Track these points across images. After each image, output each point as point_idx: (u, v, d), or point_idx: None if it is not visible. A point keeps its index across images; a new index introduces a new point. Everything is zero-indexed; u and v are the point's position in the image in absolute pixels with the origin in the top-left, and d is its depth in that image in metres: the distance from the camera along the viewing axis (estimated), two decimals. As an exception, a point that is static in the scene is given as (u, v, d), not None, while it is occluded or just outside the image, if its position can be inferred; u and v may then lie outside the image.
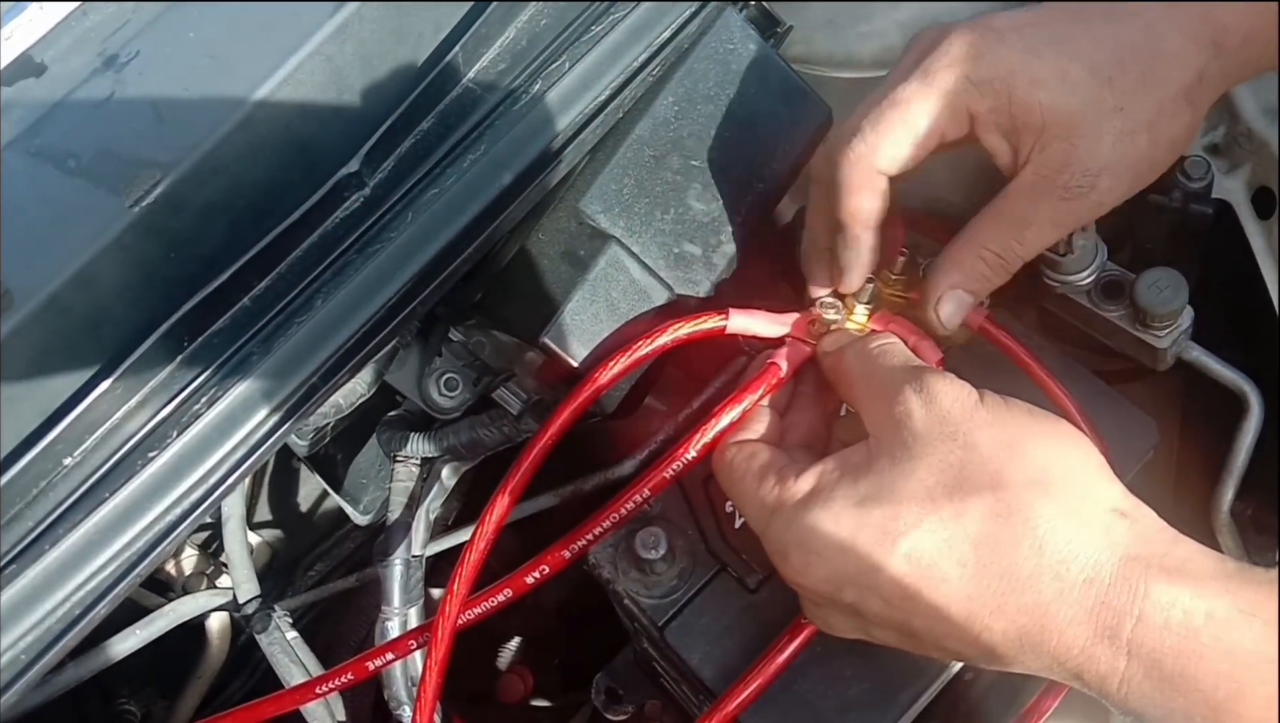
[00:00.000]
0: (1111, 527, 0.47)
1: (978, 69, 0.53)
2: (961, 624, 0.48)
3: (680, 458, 0.60)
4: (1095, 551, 0.46)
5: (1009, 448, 0.49)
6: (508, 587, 0.62)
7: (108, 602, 0.51)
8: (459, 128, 0.59)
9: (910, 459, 0.49)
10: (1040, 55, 0.53)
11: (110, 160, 0.53)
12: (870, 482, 0.50)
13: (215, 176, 0.54)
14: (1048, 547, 0.46)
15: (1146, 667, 0.44)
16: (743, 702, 0.59)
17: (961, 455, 0.49)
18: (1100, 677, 0.45)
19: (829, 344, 0.60)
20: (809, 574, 0.51)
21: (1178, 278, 0.66)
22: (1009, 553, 0.47)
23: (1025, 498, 0.47)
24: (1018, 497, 0.47)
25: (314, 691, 0.66)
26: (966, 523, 0.47)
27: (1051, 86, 0.53)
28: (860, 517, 0.49)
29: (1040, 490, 0.47)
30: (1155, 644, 0.44)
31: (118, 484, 0.52)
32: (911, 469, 0.49)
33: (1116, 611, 0.45)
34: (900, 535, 0.48)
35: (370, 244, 0.56)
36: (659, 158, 0.66)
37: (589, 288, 0.65)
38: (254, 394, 0.54)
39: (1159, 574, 0.45)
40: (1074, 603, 0.45)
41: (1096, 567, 0.46)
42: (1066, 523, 0.47)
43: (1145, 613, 0.44)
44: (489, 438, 0.76)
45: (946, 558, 0.47)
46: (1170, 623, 0.44)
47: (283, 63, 0.55)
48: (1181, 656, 0.43)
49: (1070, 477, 0.49)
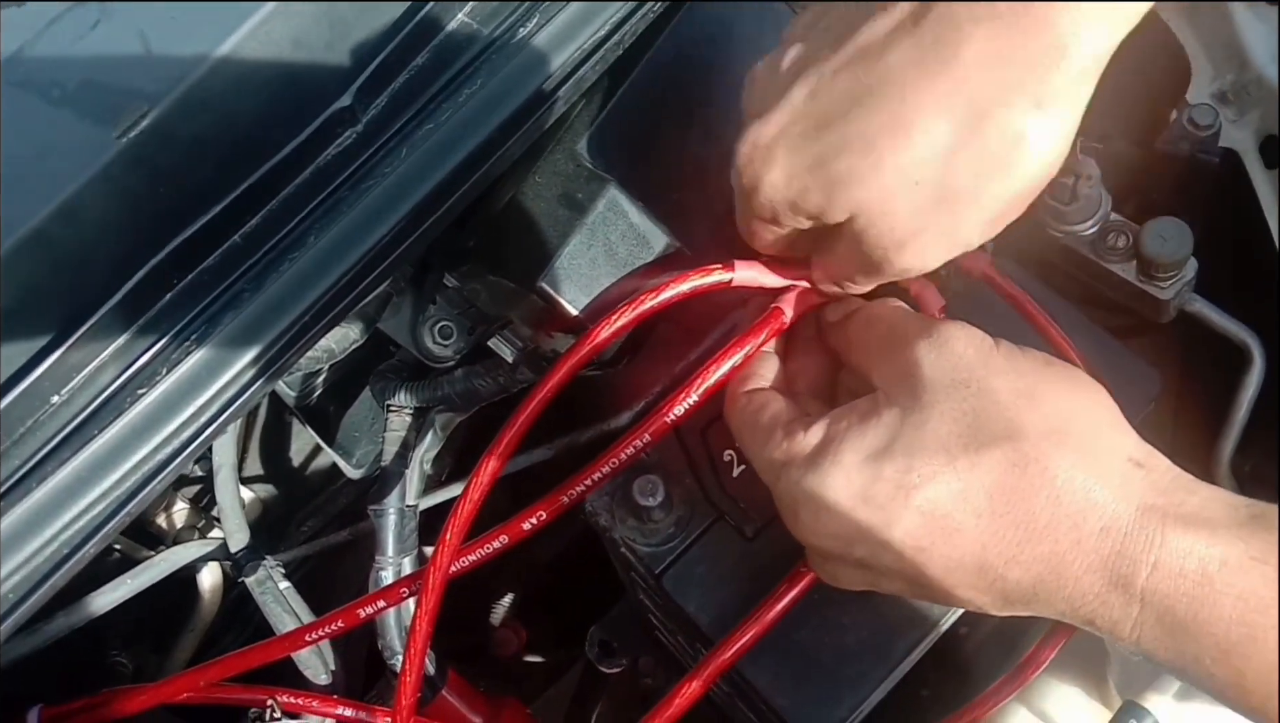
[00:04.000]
0: (1128, 477, 0.47)
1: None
2: (975, 573, 0.47)
3: (682, 403, 0.59)
4: (1112, 501, 0.46)
5: (1025, 396, 0.48)
6: (503, 533, 0.62)
7: (96, 541, 0.50)
8: (454, 63, 0.57)
9: (921, 409, 0.48)
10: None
11: (96, 91, 0.52)
12: (880, 434, 0.49)
13: (205, 109, 0.53)
14: (1065, 497, 0.46)
15: (1159, 613, 0.44)
16: (739, 650, 0.59)
17: (975, 404, 0.48)
18: (1112, 622, 0.45)
19: (832, 314, 0.58)
20: (819, 531, 0.50)
21: (1183, 228, 0.66)
22: (1026, 503, 0.46)
23: (1042, 448, 0.47)
24: (1035, 447, 0.47)
25: (304, 638, 0.65)
26: (982, 474, 0.47)
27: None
28: (872, 471, 0.48)
29: (1058, 440, 0.47)
30: (1169, 591, 0.44)
31: (106, 422, 0.51)
32: (923, 420, 0.48)
33: (1132, 559, 0.45)
34: (914, 489, 0.47)
35: (363, 180, 0.55)
36: (658, 100, 0.64)
37: (587, 231, 0.63)
38: (245, 332, 0.52)
39: (1175, 523, 0.45)
40: (1090, 552, 0.45)
41: (1114, 517, 0.45)
42: (1084, 473, 0.46)
43: (1160, 561, 0.44)
44: (484, 388, 0.75)
45: (962, 509, 0.47)
46: (1185, 571, 0.44)
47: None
48: (1194, 602, 0.43)
49: (1087, 427, 0.48)
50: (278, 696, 0.67)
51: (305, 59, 0.55)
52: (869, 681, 0.60)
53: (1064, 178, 0.64)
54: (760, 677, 0.60)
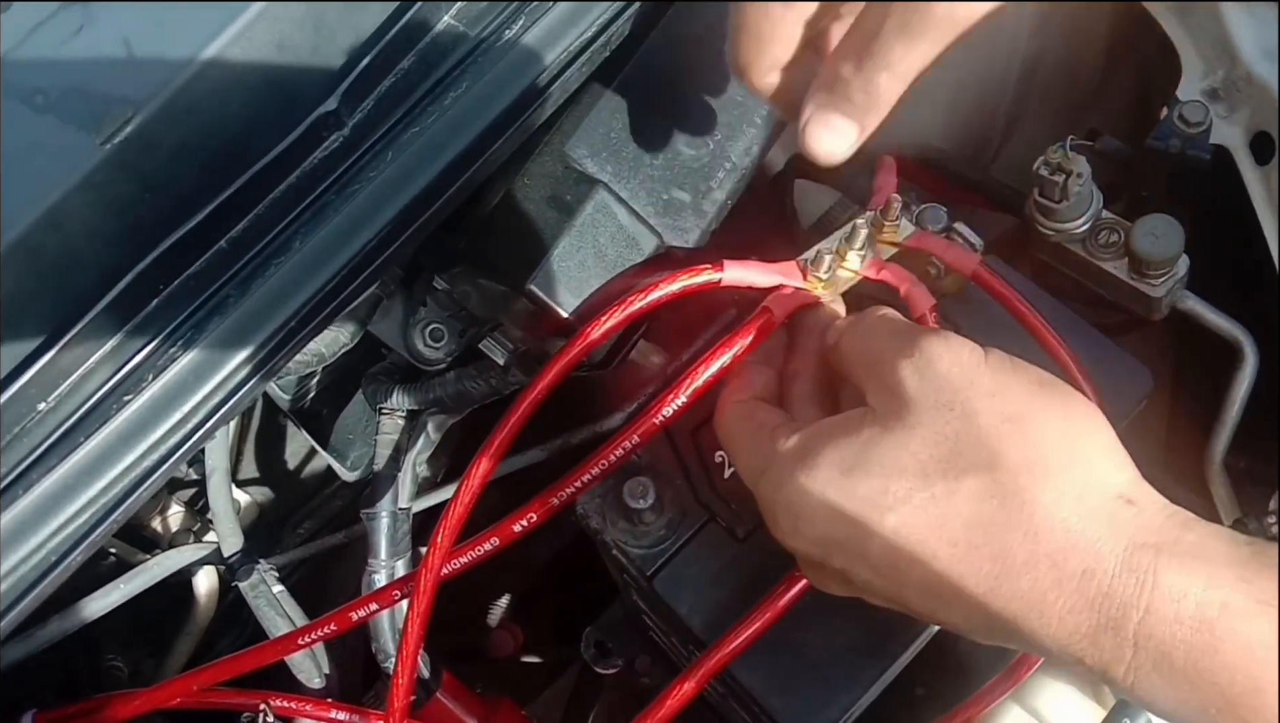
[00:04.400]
0: (1116, 515, 0.44)
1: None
2: (953, 601, 0.46)
3: (670, 404, 0.59)
4: (1096, 540, 0.43)
5: (1010, 422, 0.46)
6: (494, 536, 0.62)
7: (84, 548, 0.50)
8: (440, 65, 0.57)
9: (904, 429, 0.47)
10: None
11: (80, 97, 0.52)
12: (858, 449, 0.47)
13: (189, 114, 0.53)
14: (1043, 534, 0.44)
15: (1155, 659, 0.41)
16: (732, 652, 0.58)
17: (958, 427, 0.46)
18: (1104, 664, 0.43)
19: (831, 336, 0.57)
20: (798, 537, 0.50)
21: (1174, 225, 0.65)
22: (1002, 537, 0.44)
23: (1022, 481, 0.45)
24: (1014, 479, 0.45)
25: (297, 642, 0.65)
26: (958, 502, 0.45)
27: None
28: (848, 485, 0.47)
29: (1040, 473, 0.45)
30: (1165, 637, 0.41)
31: (93, 429, 0.51)
32: (904, 440, 0.47)
33: (1121, 602, 0.42)
34: (888, 509, 0.46)
35: (349, 184, 0.55)
36: (648, 101, 0.64)
37: (576, 234, 0.63)
38: (231, 337, 0.52)
39: (1169, 563, 0.42)
40: (1072, 593, 0.43)
41: (1097, 557, 0.43)
42: (1066, 510, 0.44)
43: (1153, 605, 0.41)
44: (476, 390, 0.75)
45: (936, 536, 0.45)
46: (1181, 616, 0.41)
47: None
48: (1194, 649, 0.41)
49: (1074, 459, 0.46)
50: (271, 699, 0.67)
51: (290, 62, 0.55)
52: (861, 681, 0.60)
53: (1055, 176, 0.64)
54: (752, 678, 0.60)
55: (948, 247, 0.65)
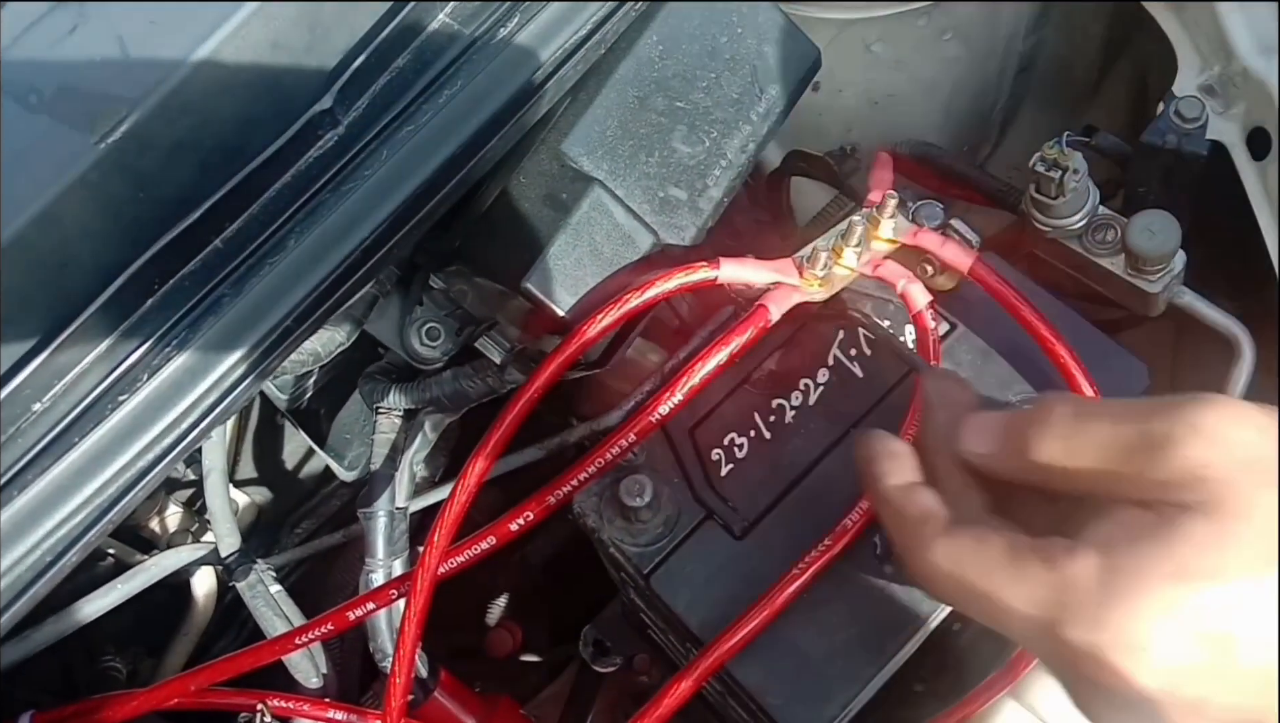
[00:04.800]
0: None
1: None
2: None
3: (667, 401, 0.59)
4: None
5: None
6: (491, 535, 0.62)
7: (78, 550, 0.50)
8: (435, 63, 0.57)
9: (1233, 519, 0.40)
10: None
11: (74, 96, 0.52)
12: (1190, 555, 0.40)
13: (184, 113, 0.53)
14: None
15: None
16: (729, 650, 0.58)
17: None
18: None
19: (1018, 443, 0.46)
20: (1141, 674, 0.41)
21: (1170, 221, 0.65)
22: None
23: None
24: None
25: (293, 642, 0.65)
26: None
27: None
28: (1197, 599, 0.40)
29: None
30: None
31: (88, 429, 0.51)
32: (1239, 531, 0.40)
33: None
34: (1251, 611, 0.40)
35: (344, 183, 0.55)
36: (643, 99, 0.64)
37: (571, 232, 0.63)
38: (226, 337, 0.52)
39: None
40: None
41: None
42: None
43: None
44: (473, 389, 0.75)
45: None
46: None
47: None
48: None
49: None
50: (268, 700, 0.67)
51: (285, 61, 0.55)
52: (859, 679, 0.60)
53: (1051, 172, 0.64)
54: (750, 677, 0.60)
55: (944, 243, 0.65)
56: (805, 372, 0.66)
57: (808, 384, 0.66)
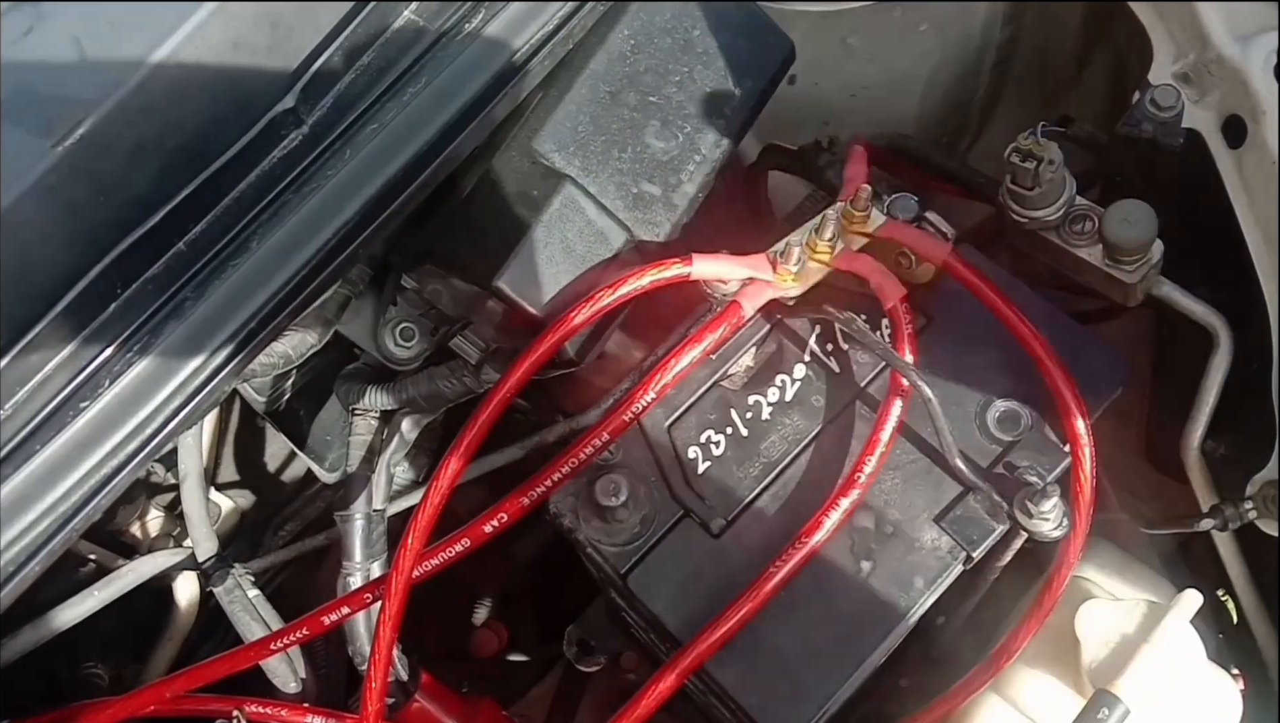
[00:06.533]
0: None
1: None
2: None
3: (640, 400, 0.59)
4: None
5: None
6: (465, 537, 0.61)
7: (42, 557, 0.50)
8: (399, 61, 0.56)
9: None
10: None
11: (31, 99, 0.51)
12: None
13: (143, 115, 0.52)
14: None
15: None
16: (707, 649, 0.58)
17: None
18: None
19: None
20: None
21: (1147, 210, 0.65)
22: None
23: None
24: None
25: (269, 647, 0.64)
26: None
27: None
28: None
29: None
30: None
31: (49, 436, 0.50)
32: None
33: None
34: None
35: (308, 183, 0.54)
36: (615, 94, 0.64)
37: (543, 229, 0.63)
38: (189, 341, 0.52)
39: None
40: None
41: None
42: None
43: None
44: (449, 389, 0.74)
45: None
46: None
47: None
48: None
49: None
50: (245, 705, 0.67)
51: (247, 61, 0.54)
52: (836, 678, 0.59)
53: (1026, 163, 0.63)
54: (727, 676, 0.59)
55: (919, 236, 0.64)
56: (781, 367, 0.66)
57: (784, 380, 0.66)
